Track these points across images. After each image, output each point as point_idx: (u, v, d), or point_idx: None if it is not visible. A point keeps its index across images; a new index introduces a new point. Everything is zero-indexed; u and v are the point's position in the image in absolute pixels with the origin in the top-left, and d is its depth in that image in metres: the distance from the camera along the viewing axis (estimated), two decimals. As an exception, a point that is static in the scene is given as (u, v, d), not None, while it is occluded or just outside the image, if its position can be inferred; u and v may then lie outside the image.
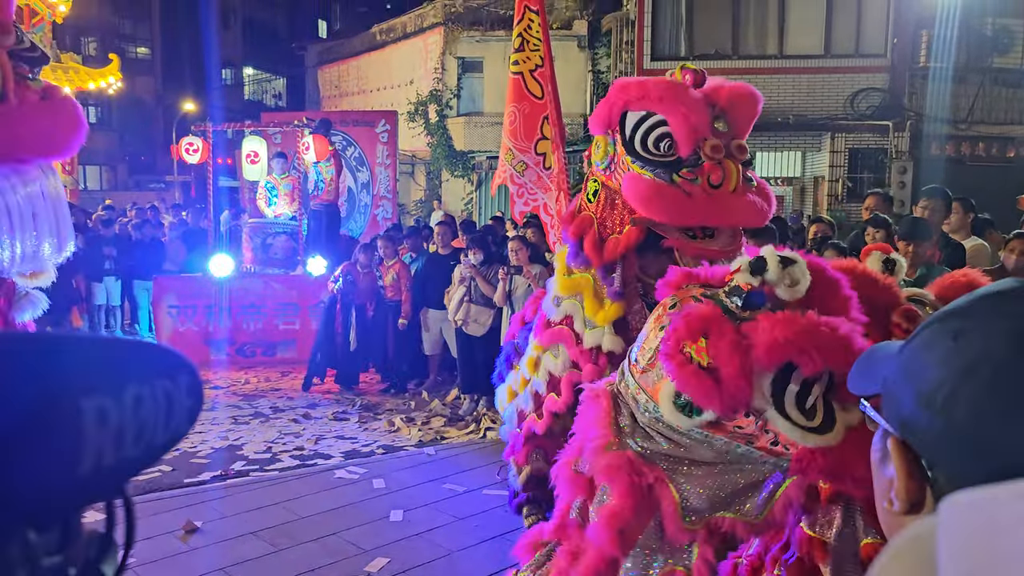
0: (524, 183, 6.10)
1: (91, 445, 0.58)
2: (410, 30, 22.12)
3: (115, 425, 0.59)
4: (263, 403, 7.70)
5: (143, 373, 0.64)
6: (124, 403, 0.60)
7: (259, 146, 10.53)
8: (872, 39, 14.07)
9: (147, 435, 0.63)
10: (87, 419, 0.57)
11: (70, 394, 0.57)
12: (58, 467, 0.57)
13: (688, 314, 1.88)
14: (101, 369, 0.62)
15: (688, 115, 2.95)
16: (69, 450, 0.57)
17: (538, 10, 5.94)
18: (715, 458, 2.03)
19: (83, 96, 21.36)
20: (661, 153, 2.99)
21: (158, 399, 0.64)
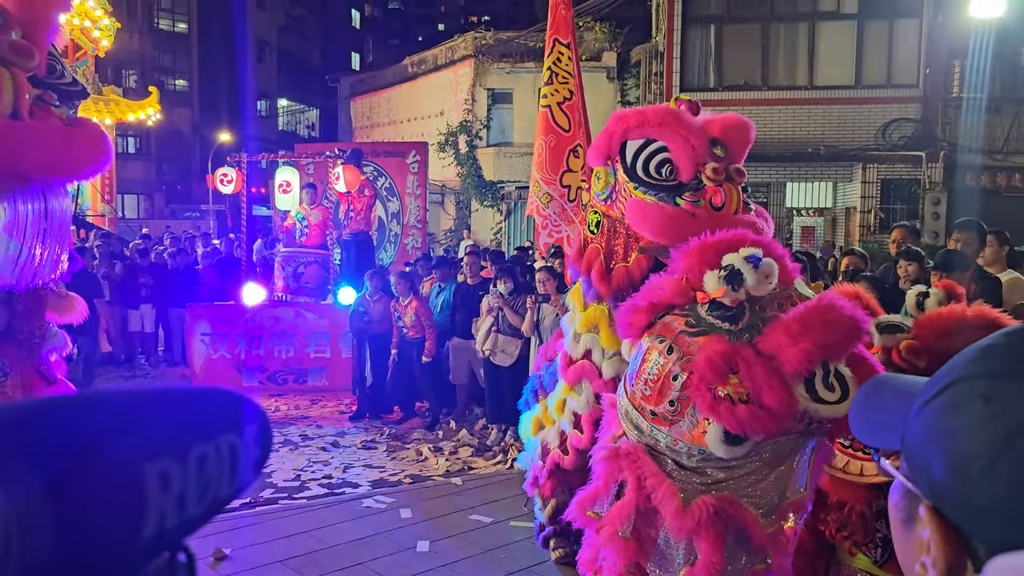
0: (549, 215, 6.14)
1: (154, 510, 0.57)
2: (441, 62, 22.45)
3: (178, 488, 0.59)
4: (293, 431, 7.76)
5: (208, 430, 0.62)
6: (188, 465, 0.59)
7: (292, 176, 10.71)
8: (904, 70, 14.02)
9: (211, 493, 0.62)
10: (150, 484, 0.57)
11: (133, 460, 0.57)
12: (120, 533, 0.56)
13: (707, 359, 1.92)
14: (164, 431, 0.60)
15: (688, 138, 3.00)
16: (132, 517, 0.56)
17: (568, 43, 6.01)
18: (767, 463, 2.07)
19: (123, 127, 21.92)
20: (663, 178, 3.05)
21: (223, 455, 0.62)
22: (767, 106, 14.04)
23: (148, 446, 0.58)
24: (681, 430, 2.05)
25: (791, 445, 2.04)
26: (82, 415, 0.58)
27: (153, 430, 0.60)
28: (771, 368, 1.86)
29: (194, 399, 0.65)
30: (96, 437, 0.56)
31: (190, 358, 9.37)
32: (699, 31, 14.53)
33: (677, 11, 14.24)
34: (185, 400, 0.65)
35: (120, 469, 0.56)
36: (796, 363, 1.82)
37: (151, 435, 0.59)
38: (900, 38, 14.04)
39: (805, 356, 1.82)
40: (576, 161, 5.90)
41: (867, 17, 14.05)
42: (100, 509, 0.55)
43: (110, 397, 0.65)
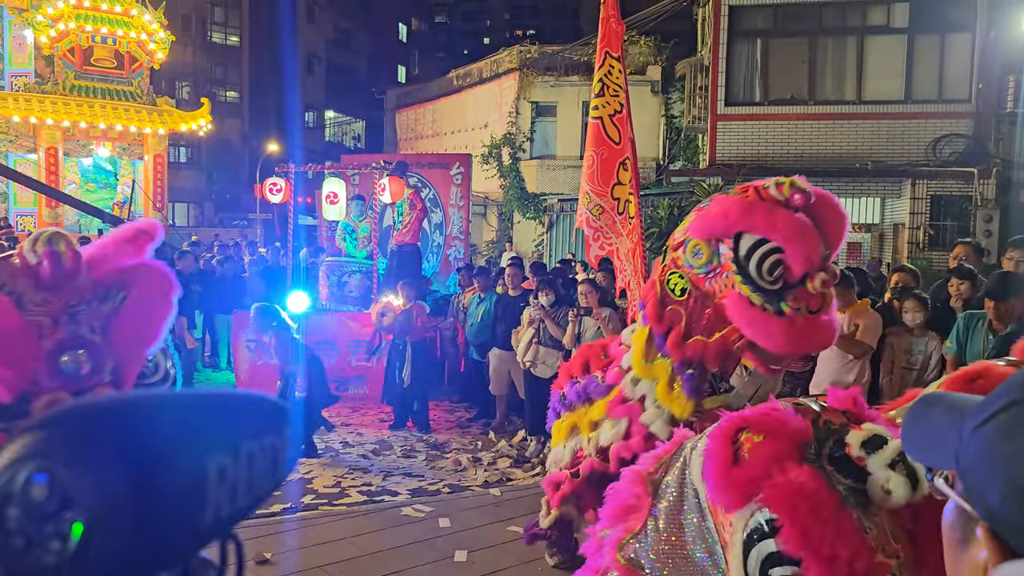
0: (600, 227, 6.13)
1: (212, 500, 0.64)
2: (486, 75, 22.63)
3: (232, 481, 0.65)
4: (334, 438, 7.85)
5: (256, 430, 0.70)
6: (240, 460, 0.66)
7: (338, 187, 10.88)
8: (956, 84, 13.75)
9: (257, 487, 0.69)
10: (210, 477, 0.63)
11: (197, 454, 0.63)
12: (186, 520, 0.63)
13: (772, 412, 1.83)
14: (222, 428, 0.67)
15: (810, 256, 3.07)
16: (195, 505, 0.63)
17: (619, 56, 6.02)
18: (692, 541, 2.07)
19: (175, 137, 22.45)
20: (773, 279, 3.11)
21: (267, 453, 0.69)
22: (814, 120, 13.88)
23: (210, 442, 0.65)
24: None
25: None
26: (158, 412, 0.65)
27: (213, 428, 0.66)
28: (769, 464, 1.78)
29: (244, 402, 0.72)
30: (170, 433, 0.62)
31: (235, 364, 9.54)
32: (745, 45, 14.43)
33: (723, 25, 14.16)
34: (237, 402, 0.72)
35: (188, 463, 0.62)
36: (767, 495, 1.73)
37: (212, 432, 0.66)
38: (952, 52, 13.78)
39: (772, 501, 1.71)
40: (625, 174, 5.89)
41: (918, 31, 13.83)
42: (171, 500, 0.61)
43: (178, 396, 0.73)
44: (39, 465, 0.58)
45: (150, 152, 20.42)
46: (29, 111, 18.19)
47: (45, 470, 0.58)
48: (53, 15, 18.53)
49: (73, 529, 0.57)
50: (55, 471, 0.58)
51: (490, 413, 8.50)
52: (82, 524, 0.57)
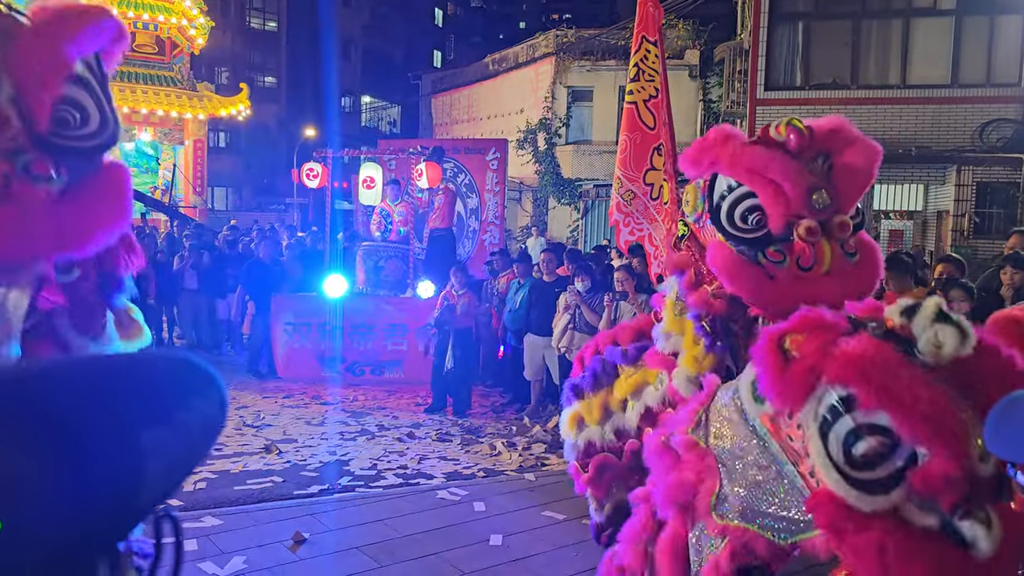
0: (631, 212, 6.10)
1: (150, 479, 0.56)
2: (522, 60, 22.53)
3: (168, 455, 0.57)
4: (370, 420, 7.93)
5: (186, 395, 0.60)
6: (177, 431, 0.58)
7: (375, 172, 10.92)
8: (1005, 68, 13.38)
9: (194, 458, 0.61)
10: (147, 453, 0.55)
11: (132, 428, 0.54)
12: (122, 504, 0.54)
13: (807, 312, 1.88)
14: (154, 395, 0.58)
15: (780, 190, 2.62)
16: (131, 486, 0.54)
17: (656, 41, 5.96)
18: (763, 467, 2.08)
19: (214, 122, 22.73)
20: (749, 227, 2.70)
21: (198, 420, 0.61)
22: (856, 105, 13.61)
23: (142, 411, 0.56)
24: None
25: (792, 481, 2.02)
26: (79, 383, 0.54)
27: (145, 394, 0.57)
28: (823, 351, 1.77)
29: (172, 366, 0.63)
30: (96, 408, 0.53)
31: (274, 346, 9.68)
32: (786, 28, 14.18)
33: (764, 8, 13.92)
34: (164, 366, 0.62)
35: (120, 441, 0.53)
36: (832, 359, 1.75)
37: (143, 399, 0.57)
38: (1001, 35, 13.41)
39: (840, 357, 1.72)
40: (659, 159, 5.85)
41: (966, 13, 13.47)
42: (104, 484, 0.52)
43: (102, 362, 0.62)
44: None
45: (190, 137, 20.70)
46: (73, 96, 18.50)
47: None
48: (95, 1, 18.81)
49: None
50: None
51: (524, 398, 8.52)
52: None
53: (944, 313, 1.73)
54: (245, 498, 5.69)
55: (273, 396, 8.83)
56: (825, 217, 2.62)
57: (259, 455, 6.69)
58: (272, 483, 6.01)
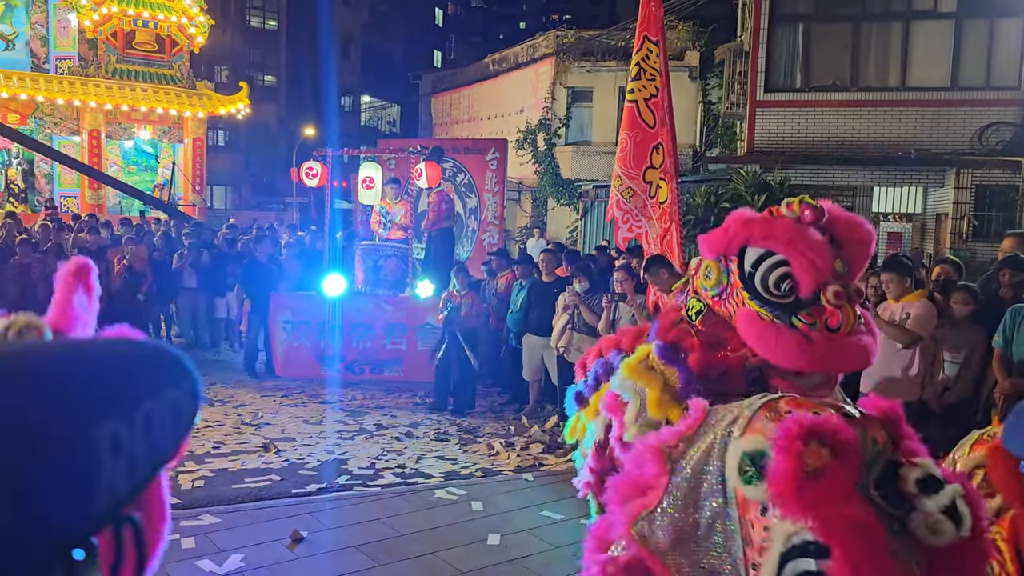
0: (630, 209, 6.11)
1: (106, 479, 0.50)
2: (522, 60, 22.54)
3: (128, 452, 0.51)
4: (368, 420, 7.93)
5: (152, 385, 0.55)
6: (136, 425, 0.52)
7: (374, 172, 10.92)
8: (1004, 71, 13.40)
9: (158, 454, 0.55)
10: (102, 451, 0.49)
11: (84, 422, 0.48)
12: (72, 509, 0.48)
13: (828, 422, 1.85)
14: (112, 386, 0.52)
15: (815, 261, 2.78)
16: (84, 489, 0.48)
17: (657, 41, 5.97)
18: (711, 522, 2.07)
19: (214, 120, 22.73)
20: (781, 294, 2.83)
21: (167, 413, 0.56)
22: (856, 107, 13.62)
23: (97, 403, 0.50)
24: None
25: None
26: (20, 371, 0.49)
27: (100, 388, 0.51)
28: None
29: (134, 353, 0.57)
30: (42, 397, 0.47)
31: (272, 344, 9.67)
32: (786, 30, 14.19)
33: (764, 9, 13.93)
34: (125, 354, 0.57)
35: (70, 435, 0.48)
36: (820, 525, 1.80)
37: (98, 394, 0.51)
38: (1001, 38, 13.41)
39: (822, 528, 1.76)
40: (658, 157, 5.86)
41: (966, 16, 13.48)
42: (48, 485, 0.46)
43: (50, 348, 0.57)
44: None
45: (189, 135, 20.69)
46: (73, 94, 18.52)
47: None
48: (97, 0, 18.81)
49: None
50: None
51: (523, 398, 8.52)
52: None
53: (955, 508, 1.75)
54: (243, 496, 5.69)
55: (271, 395, 8.82)
56: (844, 283, 2.86)
57: (257, 453, 6.69)
58: (270, 481, 6.01)
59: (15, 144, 17.39)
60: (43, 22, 19.36)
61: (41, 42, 19.41)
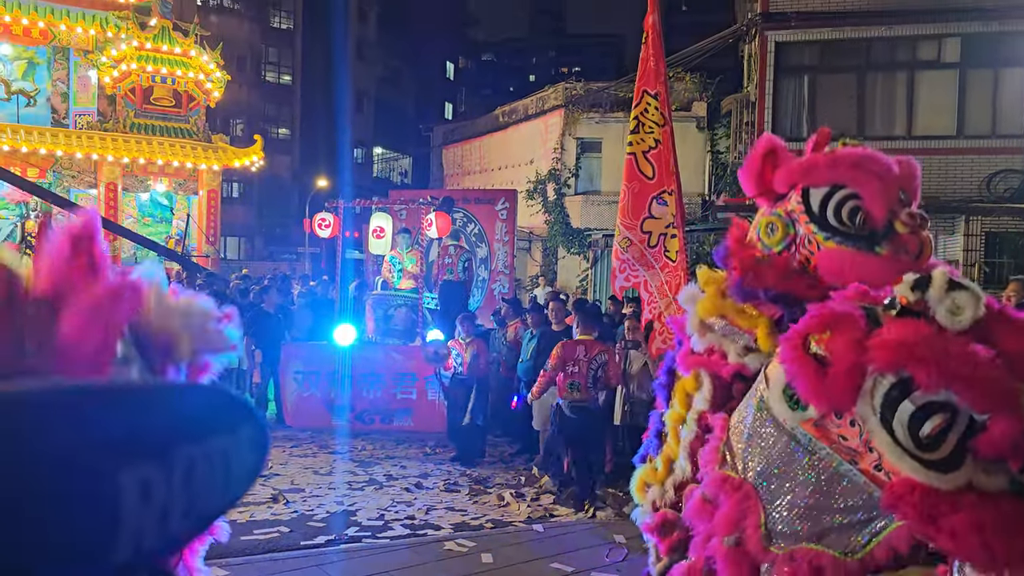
0: (627, 259, 6.15)
1: (129, 526, 0.46)
2: (531, 112, 22.86)
3: (161, 499, 0.47)
4: (378, 470, 7.89)
5: (198, 432, 0.51)
6: (174, 472, 0.48)
7: (385, 222, 11.05)
8: (1010, 120, 13.51)
9: (199, 506, 0.51)
10: (126, 496, 0.46)
11: (107, 465, 0.45)
12: (87, 557, 0.45)
13: (823, 308, 1.88)
14: (146, 429, 0.48)
15: (885, 181, 2.81)
16: (100, 534, 0.45)
17: (656, 94, 6.08)
18: (813, 477, 1.99)
19: (228, 173, 23.07)
20: (856, 227, 2.82)
21: (214, 460, 0.51)
22: (863, 156, 13.72)
23: (126, 448, 0.46)
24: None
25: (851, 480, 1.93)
26: (43, 409, 0.46)
27: (131, 429, 0.48)
28: (858, 344, 1.77)
29: (180, 395, 0.55)
30: (62, 437, 0.44)
31: (283, 394, 9.69)
32: (792, 81, 14.39)
33: (770, 61, 14.16)
34: (169, 396, 0.54)
35: (88, 477, 0.44)
36: (877, 349, 1.74)
37: (129, 435, 0.47)
38: (1005, 87, 13.56)
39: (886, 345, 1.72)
40: (659, 208, 5.92)
41: (970, 66, 13.65)
42: (60, 527, 0.43)
43: (81, 388, 0.52)
44: None
45: (204, 187, 21.01)
46: (92, 148, 18.90)
47: None
48: (116, 56, 19.31)
49: None
50: None
51: (533, 448, 8.46)
52: None
53: (956, 281, 1.79)
54: (252, 548, 5.65)
55: (281, 445, 8.81)
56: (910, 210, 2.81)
57: (266, 504, 6.65)
58: (279, 533, 5.97)
59: (33, 197, 17.70)
60: (64, 79, 19.85)
61: (62, 98, 19.89)
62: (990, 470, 1.70)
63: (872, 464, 1.89)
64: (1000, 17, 13.28)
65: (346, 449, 8.67)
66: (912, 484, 1.75)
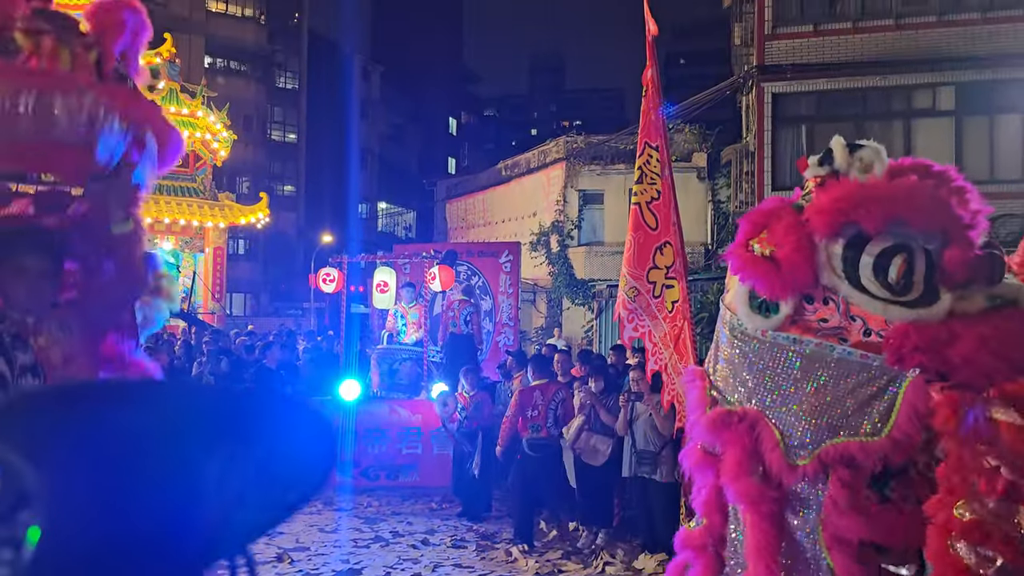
0: (635, 308, 6.16)
1: (212, 505, 0.52)
2: (534, 165, 23.14)
3: (239, 484, 0.54)
4: (384, 527, 7.79)
5: (275, 426, 0.58)
6: (252, 460, 0.54)
7: (389, 276, 11.10)
8: (1008, 165, 13.63)
9: (275, 494, 0.57)
10: (209, 477, 0.52)
11: (193, 450, 0.51)
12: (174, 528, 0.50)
13: (751, 211, 1.94)
14: (229, 421, 0.55)
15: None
16: (186, 510, 0.51)
17: (657, 146, 6.16)
18: (811, 375, 1.96)
19: (234, 230, 23.29)
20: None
21: (289, 455, 0.58)
22: (863, 203, 13.82)
23: (210, 435, 0.53)
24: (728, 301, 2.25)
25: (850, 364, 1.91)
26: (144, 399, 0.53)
27: (216, 419, 0.54)
28: (795, 225, 1.82)
29: (260, 396, 0.63)
30: (159, 423, 0.50)
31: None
32: (790, 131, 14.57)
33: (767, 112, 14.36)
34: (251, 396, 0.63)
35: (178, 459, 0.50)
36: (813, 217, 1.79)
37: (214, 425, 0.54)
38: (1002, 133, 13.71)
39: (820, 209, 1.80)
40: (662, 259, 5.95)
41: (965, 114, 13.83)
42: (154, 503, 0.49)
43: (180, 384, 0.66)
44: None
45: (210, 245, 21.19)
46: (99, 208, 19.08)
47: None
48: (125, 118, 19.64)
49: (28, 534, 0.45)
50: (8, 463, 0.46)
51: (541, 502, 8.36)
52: (39, 528, 0.45)
53: (853, 144, 1.88)
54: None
55: (286, 503, 8.70)
56: None
57: (271, 564, 6.56)
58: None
59: None
60: (74, 141, 20.18)
61: (71, 159, 20.19)
62: (966, 295, 1.74)
63: (860, 332, 1.89)
64: (993, 65, 13.49)
65: (351, 506, 8.58)
66: (905, 329, 1.75)
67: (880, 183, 1.80)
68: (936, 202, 1.72)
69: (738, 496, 2.08)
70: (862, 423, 1.93)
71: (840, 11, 14.58)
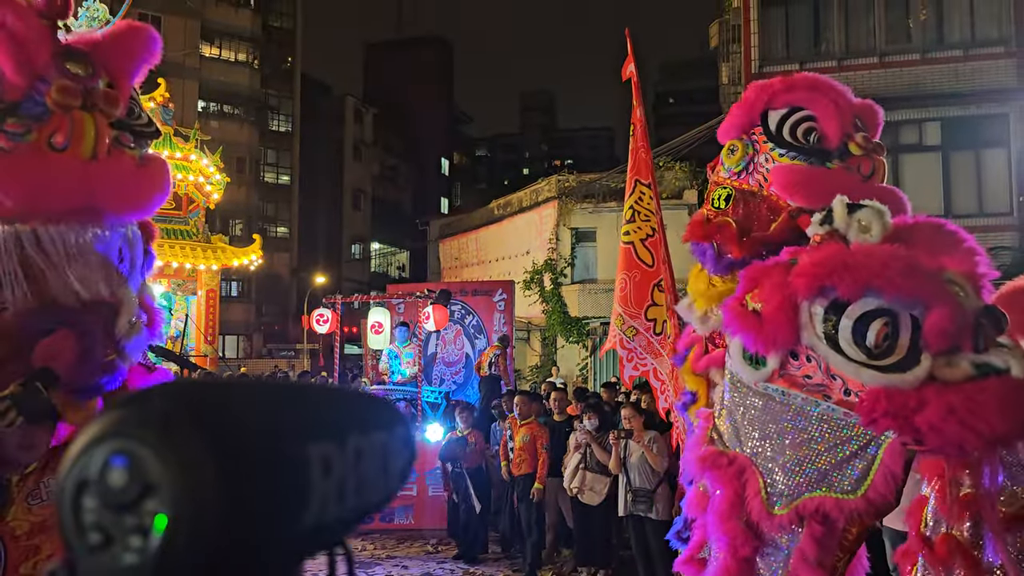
0: (634, 348, 6.14)
1: (316, 495, 0.56)
2: (526, 204, 23.28)
3: (338, 476, 0.57)
4: (379, 571, 7.67)
5: (365, 424, 0.62)
6: (347, 453, 0.58)
7: (383, 317, 11.08)
8: (995, 198, 13.77)
9: (366, 489, 0.61)
10: (314, 467, 0.55)
11: (299, 440, 0.55)
12: (286, 516, 0.55)
13: (749, 268, 1.97)
14: (327, 415, 0.60)
15: (839, 103, 2.96)
16: (297, 499, 0.55)
17: (649, 183, 6.21)
18: (796, 427, 1.99)
19: (227, 272, 23.27)
20: (810, 144, 2.98)
21: (376, 452, 0.62)
22: (854, 238, 13.93)
23: (313, 428, 0.57)
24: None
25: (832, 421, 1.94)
26: (255, 394, 0.58)
27: (316, 413, 0.59)
28: (782, 284, 1.86)
29: (351, 395, 0.67)
30: (269, 416, 0.55)
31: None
32: (779, 167, 14.72)
33: (756, 149, 14.53)
34: (343, 394, 0.67)
35: (288, 449, 0.54)
36: (794, 278, 1.83)
37: (315, 418, 0.58)
38: (988, 167, 13.88)
39: (800, 271, 1.85)
40: (660, 295, 5.95)
41: (952, 148, 14.00)
42: (269, 491, 0.53)
43: (280, 382, 0.73)
44: (118, 445, 0.50)
45: (203, 287, 21.15)
46: (92, 252, 19.06)
47: (124, 451, 0.50)
48: (118, 162, 19.74)
49: (156, 522, 0.48)
50: (136, 452, 0.49)
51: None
52: (167, 517, 0.48)
53: (854, 204, 1.90)
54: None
55: (279, 547, 8.58)
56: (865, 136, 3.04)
57: (264, 611, 6.43)
58: (276, 641, 5.76)
59: None
60: (67, 185, 20.24)
61: (64, 204, 20.23)
62: (952, 361, 1.75)
63: (841, 391, 1.92)
64: (977, 101, 13.70)
65: (346, 550, 8.44)
66: (877, 393, 1.77)
67: (862, 249, 1.86)
68: (911, 273, 1.77)
69: (723, 535, 2.12)
70: (842, 480, 1.98)
71: (825, 50, 14.84)
